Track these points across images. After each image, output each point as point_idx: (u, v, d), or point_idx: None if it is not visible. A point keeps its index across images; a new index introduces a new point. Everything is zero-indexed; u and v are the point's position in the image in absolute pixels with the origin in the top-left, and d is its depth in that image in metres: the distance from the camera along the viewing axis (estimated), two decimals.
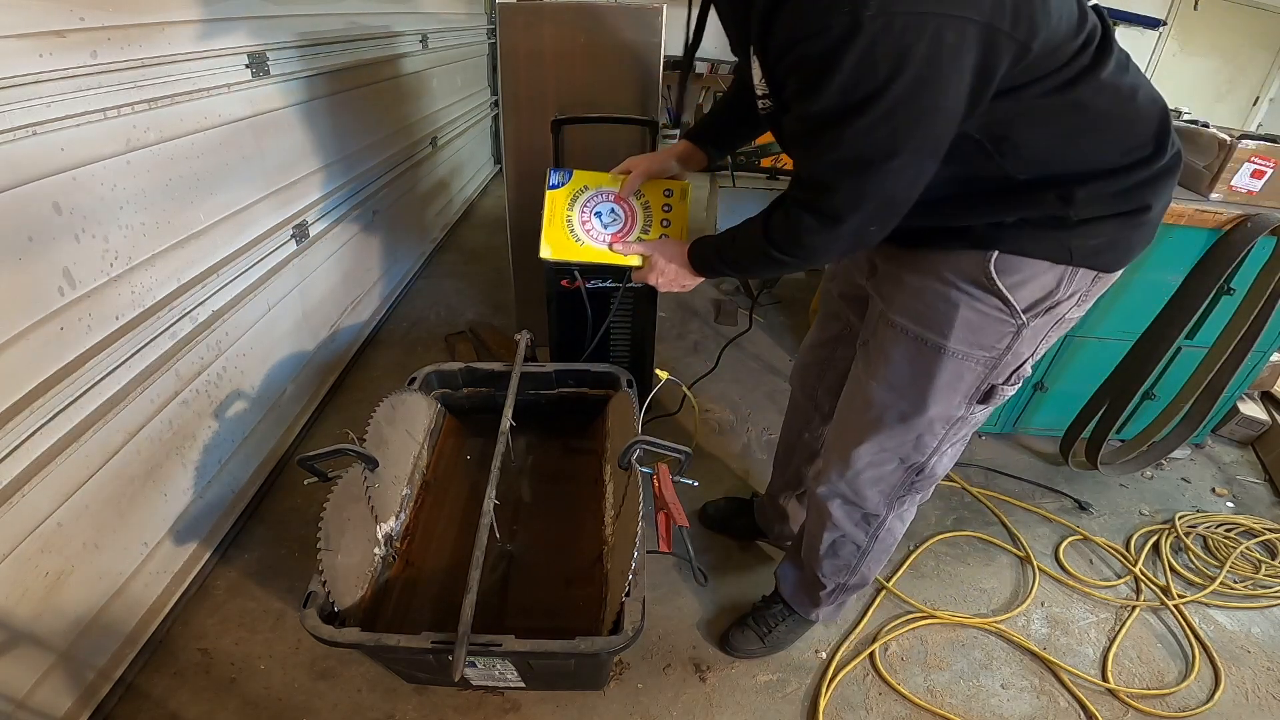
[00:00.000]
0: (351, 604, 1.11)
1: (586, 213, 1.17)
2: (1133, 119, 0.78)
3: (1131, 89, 0.77)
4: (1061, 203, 0.79)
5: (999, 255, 0.83)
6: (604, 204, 1.17)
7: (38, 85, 0.98)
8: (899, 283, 0.95)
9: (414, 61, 2.69)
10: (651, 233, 1.19)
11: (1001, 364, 0.91)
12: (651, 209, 1.18)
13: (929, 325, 0.91)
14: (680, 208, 1.18)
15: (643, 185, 1.17)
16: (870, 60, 0.64)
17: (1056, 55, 0.70)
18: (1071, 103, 0.73)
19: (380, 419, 1.34)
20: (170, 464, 1.35)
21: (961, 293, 0.87)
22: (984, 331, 0.89)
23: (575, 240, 1.18)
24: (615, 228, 1.18)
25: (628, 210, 1.18)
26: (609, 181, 1.17)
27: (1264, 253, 1.56)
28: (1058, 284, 0.85)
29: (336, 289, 2.13)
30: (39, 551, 1.05)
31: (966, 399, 0.95)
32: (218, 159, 1.45)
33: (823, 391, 1.28)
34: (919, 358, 0.94)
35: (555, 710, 1.25)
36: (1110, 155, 0.78)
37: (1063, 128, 0.76)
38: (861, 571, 1.21)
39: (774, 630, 1.34)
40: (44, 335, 1.04)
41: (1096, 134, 0.77)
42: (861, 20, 0.61)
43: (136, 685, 1.26)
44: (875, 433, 1.02)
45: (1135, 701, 1.33)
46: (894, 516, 1.12)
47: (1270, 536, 1.74)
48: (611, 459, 1.47)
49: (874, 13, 0.61)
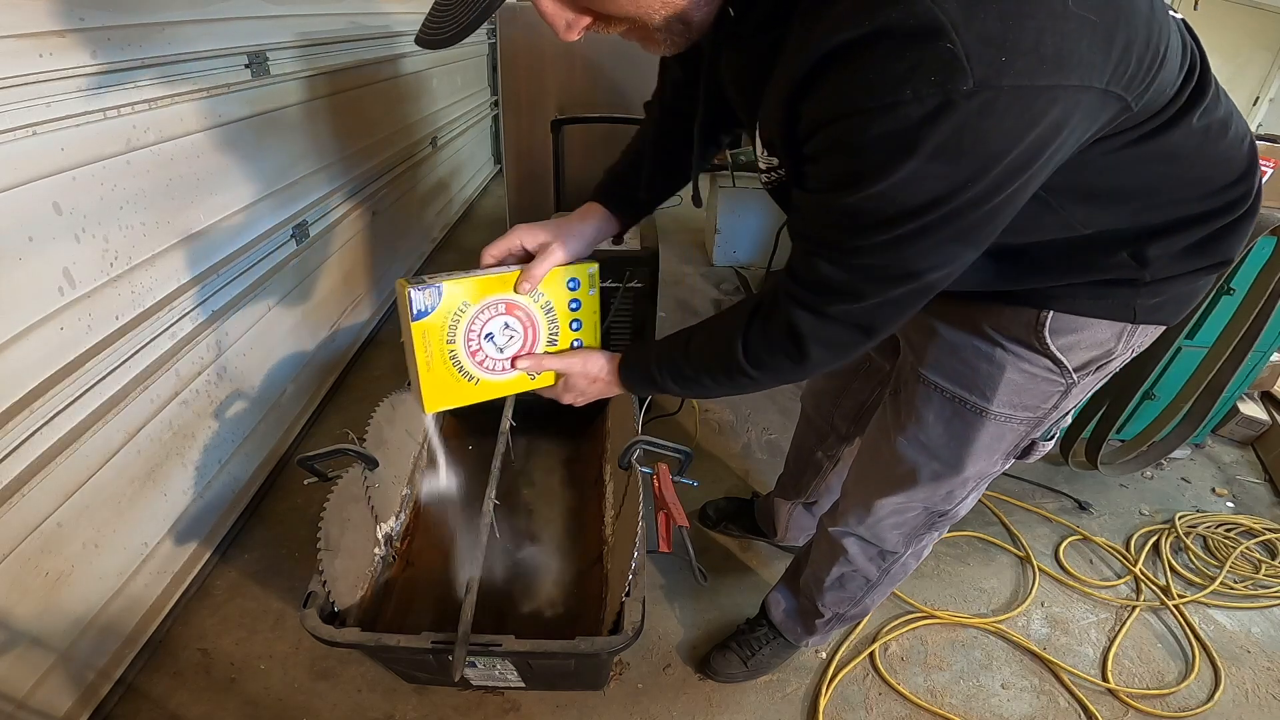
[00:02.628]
0: (351, 604, 1.11)
1: (474, 339, 0.82)
2: (1219, 159, 0.64)
3: (1223, 124, 0.62)
4: (1134, 263, 0.67)
5: (1054, 315, 0.72)
6: (494, 321, 0.83)
7: (38, 85, 0.98)
8: (931, 334, 0.83)
9: (414, 61, 2.69)
10: (560, 340, 0.89)
11: (1045, 421, 0.83)
12: (555, 309, 0.86)
13: (968, 387, 0.81)
14: (590, 302, 0.88)
15: None
16: (954, 151, 0.48)
17: (1156, 101, 0.55)
18: (1157, 149, 0.59)
19: (380, 419, 1.34)
20: (170, 464, 1.35)
21: (1008, 353, 0.76)
22: (1030, 393, 0.79)
23: (466, 379, 0.85)
24: (514, 348, 0.86)
25: (525, 320, 0.85)
26: (494, 285, 0.81)
27: (1264, 253, 1.56)
28: (1116, 341, 0.74)
29: (336, 289, 2.13)
30: (39, 551, 1.05)
31: (1005, 456, 0.88)
32: (218, 159, 1.45)
33: (839, 416, 1.24)
34: (955, 419, 0.84)
35: (555, 710, 1.25)
36: (1190, 203, 0.65)
37: (1143, 177, 0.61)
38: (864, 604, 1.17)
39: (757, 654, 1.30)
40: (44, 335, 1.04)
41: (1178, 180, 0.63)
42: (954, 99, 0.45)
43: (136, 685, 1.26)
44: (903, 489, 0.95)
45: (1135, 701, 1.33)
46: (910, 554, 1.07)
47: (1270, 536, 1.73)
48: (611, 459, 1.47)
49: (972, 88, 0.45)
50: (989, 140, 0.48)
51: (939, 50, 0.44)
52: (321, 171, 1.94)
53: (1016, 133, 0.48)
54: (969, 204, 0.51)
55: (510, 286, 0.82)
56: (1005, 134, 0.48)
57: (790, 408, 2.13)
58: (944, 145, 0.47)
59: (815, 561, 1.18)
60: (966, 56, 0.44)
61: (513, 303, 0.84)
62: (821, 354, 0.66)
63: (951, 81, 0.45)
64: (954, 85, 0.45)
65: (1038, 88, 0.46)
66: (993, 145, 0.48)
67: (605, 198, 0.90)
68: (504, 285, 0.82)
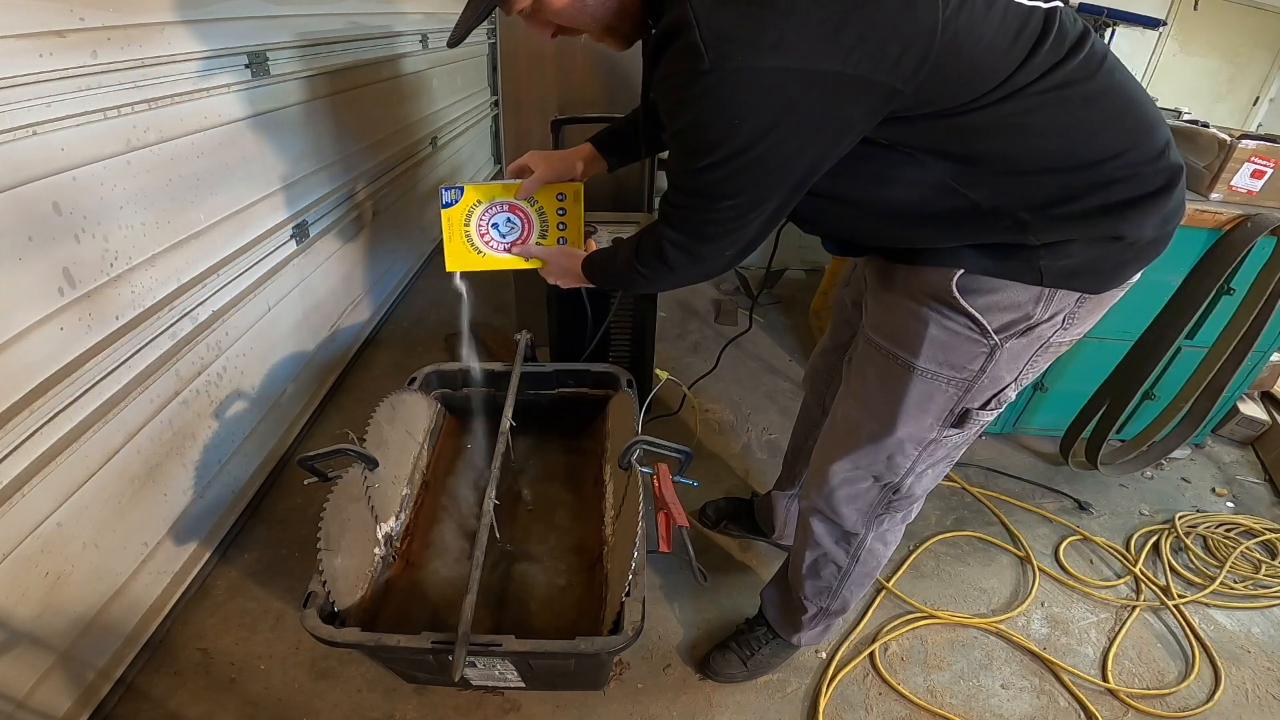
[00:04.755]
0: (351, 604, 1.11)
1: (484, 225, 1.18)
2: (1081, 133, 0.70)
3: (1086, 98, 0.69)
4: (1017, 228, 0.75)
5: (963, 274, 0.80)
6: (499, 215, 1.17)
7: (38, 85, 0.98)
8: (877, 297, 0.94)
9: (414, 61, 2.69)
10: (549, 237, 1.20)
11: (976, 387, 0.87)
12: (546, 214, 1.18)
13: (899, 342, 0.89)
14: (574, 210, 1.18)
15: (537, 191, 1.16)
16: (708, 113, 0.65)
17: (974, 80, 0.66)
18: (997, 122, 0.68)
19: (380, 419, 1.34)
20: (170, 464, 1.35)
21: (931, 310, 0.84)
22: (954, 351, 0.85)
23: (476, 252, 1.20)
24: (513, 235, 1.19)
25: (523, 218, 1.18)
26: (500, 191, 1.16)
27: (1264, 253, 1.56)
28: (1034, 304, 0.80)
29: (336, 289, 2.13)
30: (39, 551, 1.05)
31: (938, 421, 0.92)
32: (218, 159, 1.45)
33: (829, 397, 1.26)
34: (889, 376, 0.91)
35: (555, 710, 1.25)
36: (1060, 174, 0.72)
37: (991, 144, 0.70)
38: (843, 595, 1.19)
39: (757, 653, 1.31)
40: (44, 335, 1.04)
41: (1036, 152, 0.71)
42: (697, 74, 0.62)
43: (136, 685, 1.26)
44: (849, 450, 1.00)
45: (1135, 701, 1.33)
46: (874, 537, 1.10)
47: (1270, 536, 1.73)
48: (611, 459, 1.47)
49: (708, 68, 0.61)
50: (731, 106, 0.64)
51: (688, 41, 0.62)
52: (321, 171, 1.94)
53: (751, 103, 0.64)
54: (736, 152, 0.67)
55: (513, 193, 1.16)
56: (742, 103, 0.64)
57: (790, 408, 2.13)
58: (702, 108, 0.65)
59: (795, 550, 1.22)
60: (704, 44, 0.61)
61: (515, 205, 1.17)
62: (676, 256, 0.84)
63: (695, 63, 0.62)
64: (696, 65, 0.62)
65: (761, 68, 0.61)
66: (736, 110, 0.64)
67: (598, 142, 1.16)
68: (508, 192, 1.16)
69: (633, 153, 1.17)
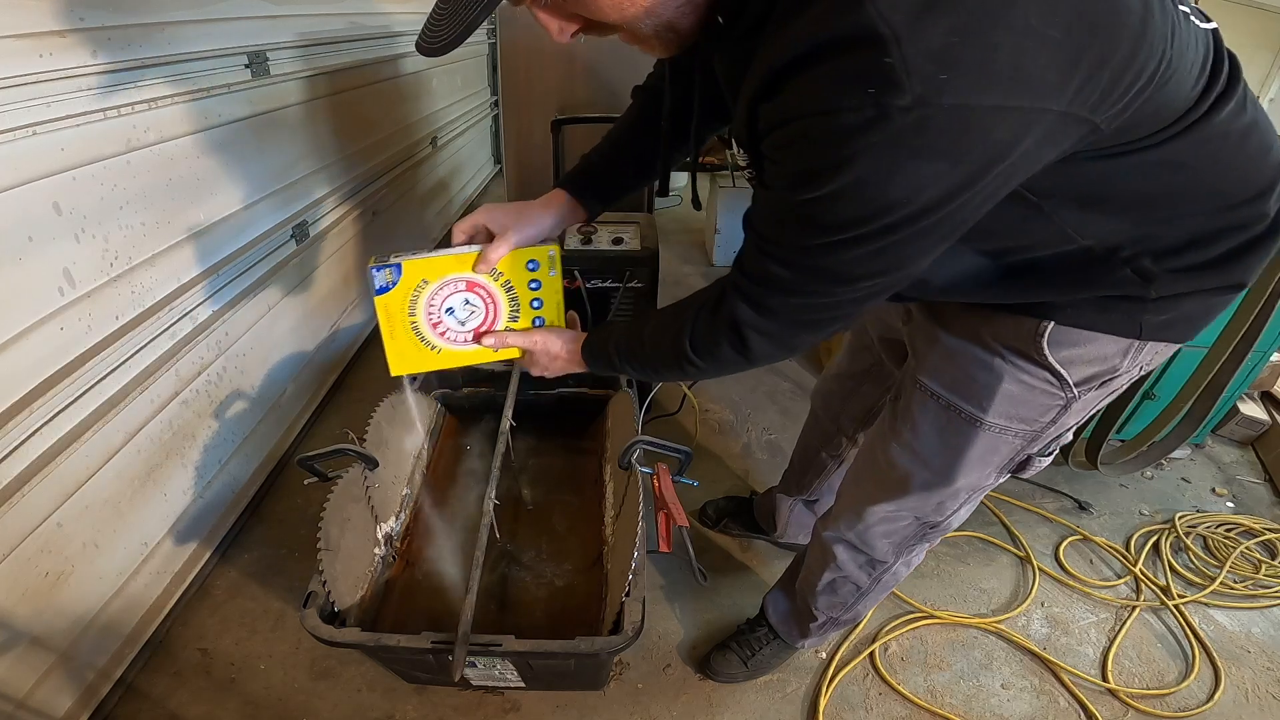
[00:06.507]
0: (351, 604, 1.12)
1: (435, 312, 0.90)
2: (1233, 172, 0.61)
3: (1243, 135, 0.59)
4: (1138, 279, 0.64)
5: (1054, 326, 0.70)
6: (454, 296, 0.89)
7: (38, 85, 0.98)
8: (933, 340, 0.83)
9: (414, 61, 2.69)
10: (521, 319, 0.93)
11: (1043, 436, 0.81)
12: (516, 289, 0.91)
13: (964, 395, 0.80)
14: (551, 283, 0.91)
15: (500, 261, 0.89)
16: (889, 166, 0.48)
17: (1164, 114, 0.54)
18: (1158, 159, 0.56)
19: (380, 419, 1.34)
20: (170, 464, 1.35)
21: (1006, 363, 0.75)
22: (1028, 405, 0.77)
23: (429, 347, 0.92)
24: (475, 321, 0.91)
25: (485, 296, 0.90)
26: (453, 265, 0.87)
27: None
28: (1122, 357, 0.71)
29: (336, 289, 2.13)
30: (39, 551, 1.05)
31: (998, 470, 0.86)
32: (218, 159, 1.45)
33: (846, 418, 1.24)
34: (949, 428, 0.83)
35: (555, 710, 1.25)
36: (1199, 217, 0.62)
37: (1143, 187, 0.58)
38: (856, 609, 1.17)
39: (758, 654, 1.30)
40: (44, 335, 1.04)
41: (1183, 191, 0.60)
42: (889, 113, 0.44)
43: (136, 685, 1.26)
44: (895, 496, 0.94)
45: (1135, 701, 1.33)
46: (901, 563, 1.07)
47: (1270, 536, 1.73)
48: (611, 459, 1.47)
49: (909, 104, 0.44)
50: (926, 158, 0.47)
51: (879, 63, 0.43)
52: (321, 171, 1.94)
53: (955, 153, 0.47)
54: (905, 219, 0.51)
55: (469, 266, 0.87)
56: (942, 153, 0.47)
57: (790, 408, 2.13)
58: (879, 159, 0.47)
59: (809, 565, 1.19)
60: (906, 71, 0.43)
61: (473, 281, 0.89)
62: (761, 346, 0.67)
63: (887, 95, 0.44)
64: (889, 99, 0.44)
65: (981, 108, 0.45)
66: (930, 163, 0.47)
67: (573, 186, 0.92)
68: (463, 265, 0.87)
69: (621, 190, 0.96)
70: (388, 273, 0.87)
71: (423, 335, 0.91)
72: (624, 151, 0.93)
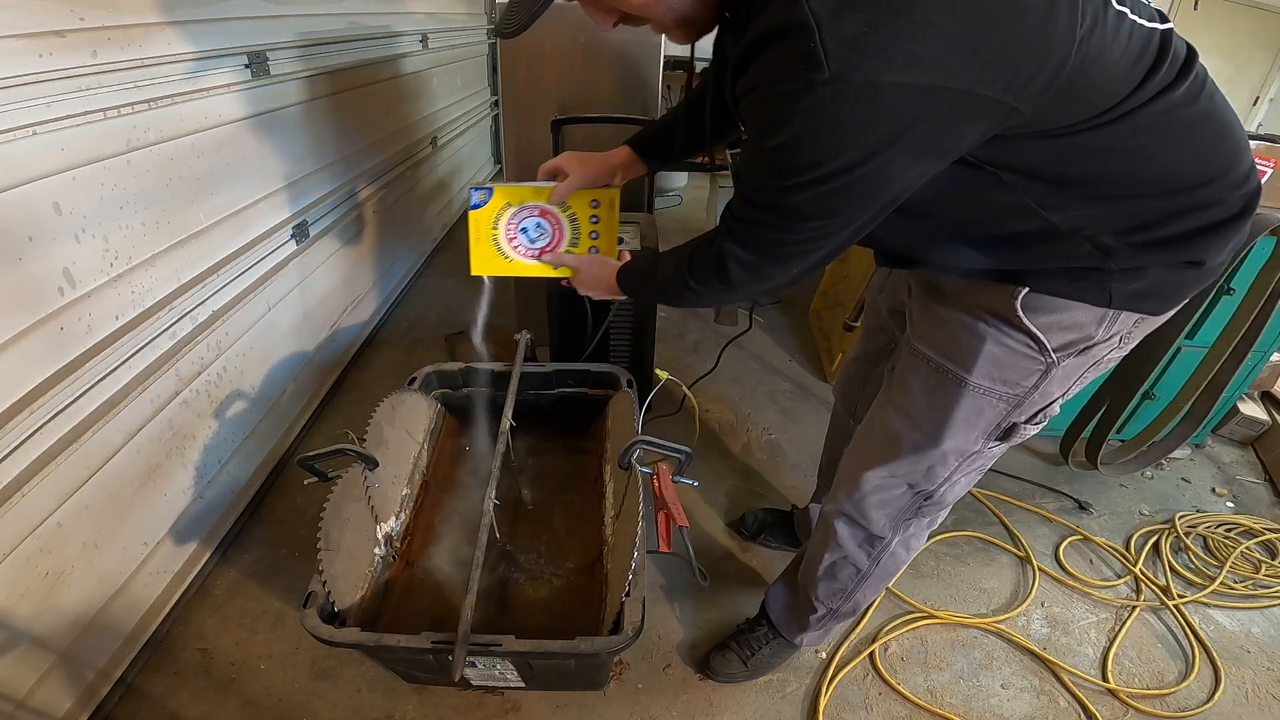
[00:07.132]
0: (351, 604, 1.12)
1: (512, 229, 1.13)
2: (1180, 158, 0.69)
3: (1192, 122, 0.67)
4: (1098, 253, 0.73)
5: (1028, 292, 0.78)
6: (529, 219, 1.13)
7: (38, 85, 0.98)
8: (926, 308, 0.91)
9: (414, 61, 2.69)
10: (580, 245, 1.15)
11: (1026, 402, 0.86)
12: (579, 221, 1.13)
13: (951, 356, 0.87)
14: (608, 218, 1.13)
15: (570, 196, 1.12)
16: (816, 128, 0.60)
17: (1095, 100, 0.63)
18: (1105, 143, 0.66)
19: (380, 419, 1.34)
20: (170, 464, 1.35)
21: (989, 326, 0.82)
22: (1010, 368, 0.83)
23: (503, 256, 1.15)
24: (543, 242, 1.14)
25: (554, 223, 1.13)
26: (531, 195, 1.11)
27: (1264, 253, 1.56)
28: (1097, 325, 0.78)
29: (336, 289, 2.13)
30: (39, 551, 1.05)
31: (984, 435, 0.91)
32: (218, 159, 1.45)
33: (861, 406, 1.25)
34: (938, 389, 0.89)
35: (555, 710, 1.25)
36: (1152, 200, 0.70)
37: (1088, 167, 0.68)
38: (856, 598, 1.18)
39: (757, 653, 1.30)
40: (44, 335, 1.04)
41: (1137, 174, 0.69)
42: (814, 84, 0.56)
43: (136, 685, 1.26)
44: (887, 460, 0.99)
45: (1135, 701, 1.33)
46: (899, 542, 1.08)
47: (1270, 536, 1.73)
48: (611, 459, 1.47)
49: (827, 78, 0.56)
50: (844, 122, 0.59)
51: (806, 47, 0.56)
52: (321, 171, 1.94)
53: (866, 119, 0.59)
54: (836, 172, 0.62)
55: (545, 197, 1.11)
56: (857, 119, 0.59)
57: (790, 408, 2.13)
58: (808, 121, 0.60)
59: (810, 550, 1.20)
60: (825, 53, 0.55)
61: (546, 209, 1.13)
62: (740, 274, 0.79)
63: (812, 72, 0.56)
64: (813, 75, 0.56)
65: (885, 84, 0.56)
66: (848, 127, 0.59)
67: (635, 145, 1.12)
68: (540, 195, 1.11)
69: (673, 154, 1.13)
70: (481, 194, 1.11)
71: (500, 246, 1.14)
72: (678, 124, 1.09)
